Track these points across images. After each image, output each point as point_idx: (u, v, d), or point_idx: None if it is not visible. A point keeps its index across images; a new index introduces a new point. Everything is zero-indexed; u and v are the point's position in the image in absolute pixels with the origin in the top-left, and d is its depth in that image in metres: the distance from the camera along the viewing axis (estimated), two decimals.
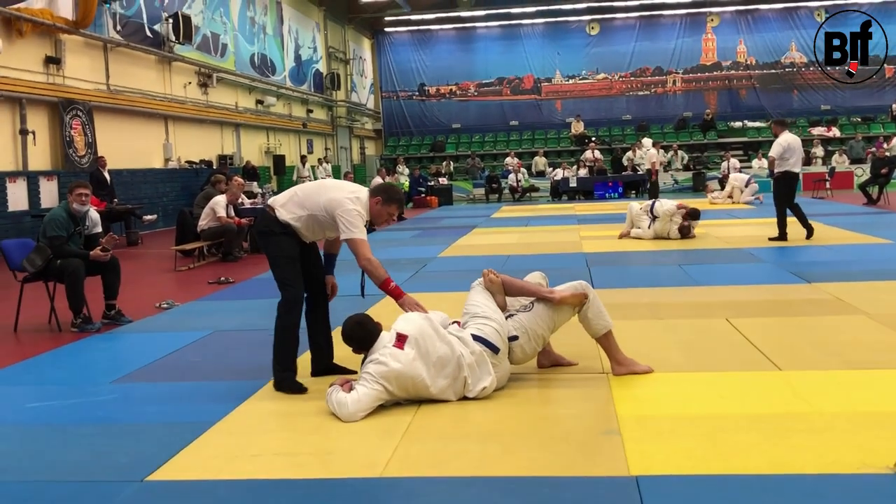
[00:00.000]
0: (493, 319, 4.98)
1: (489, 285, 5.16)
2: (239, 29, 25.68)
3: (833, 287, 8.07)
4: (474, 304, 5.11)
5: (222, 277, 10.78)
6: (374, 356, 4.70)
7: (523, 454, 3.97)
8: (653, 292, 8.39)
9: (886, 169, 20.29)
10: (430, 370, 4.68)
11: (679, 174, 29.55)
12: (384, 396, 4.65)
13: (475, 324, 4.96)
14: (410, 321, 4.82)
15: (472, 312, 5.07)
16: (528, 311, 5.13)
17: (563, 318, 5.20)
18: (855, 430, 4.08)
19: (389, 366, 4.61)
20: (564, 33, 38.73)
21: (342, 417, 4.57)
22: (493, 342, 4.87)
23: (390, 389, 4.64)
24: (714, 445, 3.95)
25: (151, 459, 4.06)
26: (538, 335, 5.11)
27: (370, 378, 4.64)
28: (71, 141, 16.91)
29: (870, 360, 5.38)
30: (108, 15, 18.47)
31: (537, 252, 12.17)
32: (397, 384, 4.64)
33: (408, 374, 4.63)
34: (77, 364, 6.50)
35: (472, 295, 5.20)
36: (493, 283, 5.16)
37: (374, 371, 4.65)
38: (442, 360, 4.71)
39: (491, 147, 36.92)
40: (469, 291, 5.26)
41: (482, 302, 5.10)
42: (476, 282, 5.27)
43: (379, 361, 4.65)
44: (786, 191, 12.33)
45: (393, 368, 4.61)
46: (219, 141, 24.25)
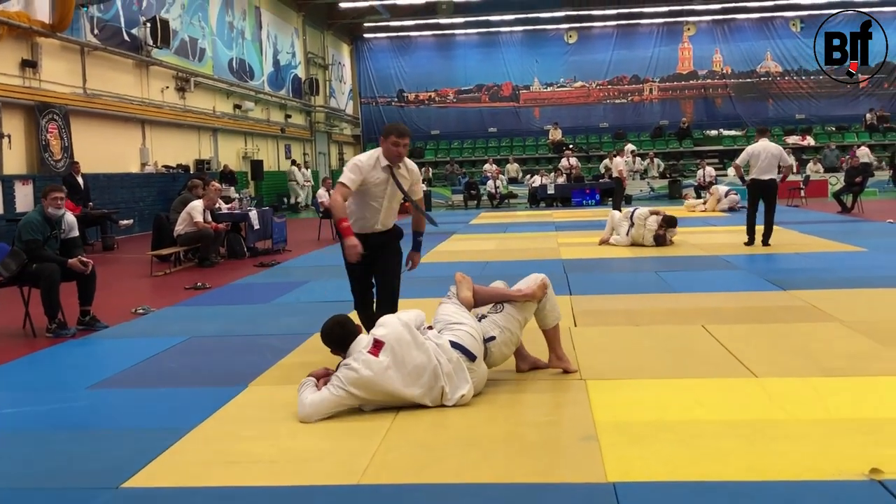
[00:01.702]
0: (467, 324, 5.01)
1: (459, 282, 5.25)
2: (217, 33, 25.60)
3: (808, 294, 8.13)
4: (445, 314, 5.13)
5: (199, 283, 10.72)
6: (348, 360, 4.70)
7: (501, 460, 3.97)
8: (630, 299, 8.42)
9: (860, 178, 20.49)
10: (404, 379, 4.66)
11: (655, 182, 29.75)
12: (347, 402, 4.65)
13: (451, 331, 4.96)
14: (389, 327, 4.80)
15: (445, 321, 5.07)
16: (498, 311, 5.20)
17: (530, 313, 5.32)
18: (831, 436, 4.11)
19: (360, 373, 4.61)
20: (543, 41, 38.90)
21: (298, 417, 4.63)
22: (470, 349, 4.87)
23: (359, 395, 4.63)
24: (691, 452, 3.97)
25: (127, 466, 4.03)
26: (513, 333, 5.20)
27: (337, 383, 4.65)
28: (47, 145, 16.77)
29: (845, 366, 5.43)
30: (86, 18, 18.36)
31: (515, 258, 12.18)
32: (367, 391, 4.63)
33: (378, 382, 4.62)
34: (52, 370, 6.44)
35: (442, 307, 5.24)
36: (464, 280, 5.25)
37: (343, 377, 4.65)
38: (418, 369, 4.69)
39: (469, 154, 36.99)
40: (438, 307, 5.30)
41: (453, 310, 5.13)
42: (444, 297, 5.34)
43: (350, 367, 4.65)
44: (749, 198, 12.76)
45: (363, 376, 4.60)
46: (196, 145, 24.14)
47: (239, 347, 6.79)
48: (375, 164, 5.77)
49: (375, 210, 5.84)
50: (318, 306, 8.44)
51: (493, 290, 5.32)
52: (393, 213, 5.99)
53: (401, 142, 5.72)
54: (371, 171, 5.75)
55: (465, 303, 5.18)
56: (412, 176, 5.99)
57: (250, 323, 7.92)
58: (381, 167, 5.77)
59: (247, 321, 8.02)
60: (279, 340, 6.86)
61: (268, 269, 12.34)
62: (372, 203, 5.81)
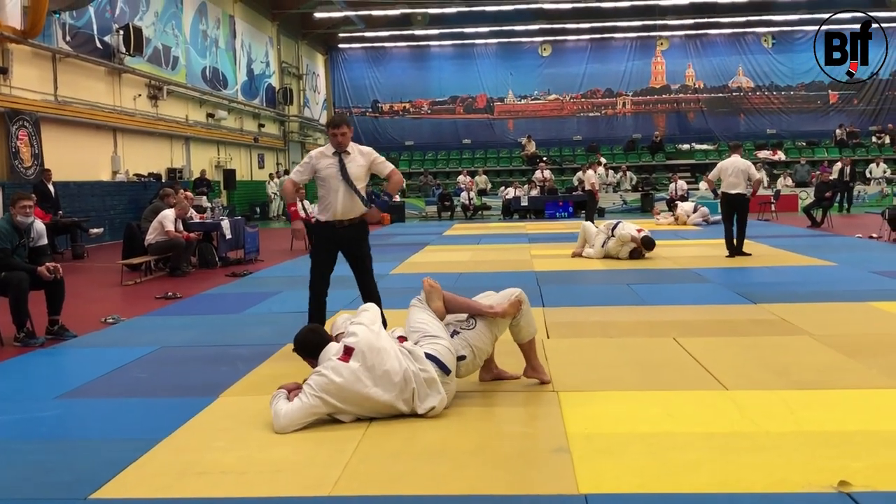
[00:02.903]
0: (443, 339, 5.00)
1: (429, 292, 5.20)
2: (191, 42, 25.49)
3: (778, 308, 8.20)
4: (421, 322, 5.10)
5: (170, 292, 10.63)
6: (319, 368, 4.70)
7: (473, 472, 3.97)
8: (602, 311, 8.46)
9: (830, 193, 20.76)
10: (376, 382, 4.65)
11: (628, 195, 29.95)
12: (321, 410, 4.64)
13: (428, 343, 4.94)
14: (359, 334, 4.78)
15: (422, 331, 5.04)
16: (471, 328, 5.18)
17: (503, 329, 5.32)
18: (800, 449, 4.14)
19: (331, 379, 4.61)
20: (517, 54, 39.10)
21: (274, 429, 4.60)
22: (445, 363, 4.87)
23: (332, 402, 4.61)
24: (662, 464, 3.98)
25: (95, 477, 3.99)
26: (483, 351, 5.21)
27: (309, 391, 4.64)
28: (17, 152, 16.61)
29: (814, 380, 5.48)
30: (58, 25, 18.22)
31: (488, 270, 12.21)
32: (340, 398, 4.61)
33: (349, 388, 4.61)
34: (19, 379, 6.36)
35: (415, 313, 5.21)
36: (434, 290, 5.20)
37: (314, 383, 4.64)
38: (388, 374, 4.68)
39: (444, 165, 37.02)
40: (409, 310, 5.28)
41: (428, 320, 5.11)
42: (414, 302, 5.31)
43: (321, 374, 4.65)
44: (722, 212, 13.22)
45: (334, 381, 4.60)
46: (168, 154, 24.00)
47: (210, 358, 6.74)
48: (324, 154, 6.75)
49: (334, 193, 6.63)
50: (290, 317, 8.39)
51: (465, 302, 5.30)
52: (353, 200, 6.65)
53: (337, 131, 6.63)
54: (320, 159, 6.72)
55: (437, 313, 5.16)
56: (367, 158, 6.82)
57: (221, 333, 7.87)
58: (330, 154, 6.71)
59: (218, 331, 7.97)
60: (250, 351, 6.82)
61: (239, 279, 12.28)
62: (329, 187, 6.65)
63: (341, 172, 6.62)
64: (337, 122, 6.73)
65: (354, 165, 6.68)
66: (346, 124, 6.73)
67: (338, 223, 6.70)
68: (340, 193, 6.62)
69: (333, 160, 6.67)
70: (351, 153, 6.71)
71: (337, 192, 6.63)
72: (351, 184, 6.63)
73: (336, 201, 6.64)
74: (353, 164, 6.68)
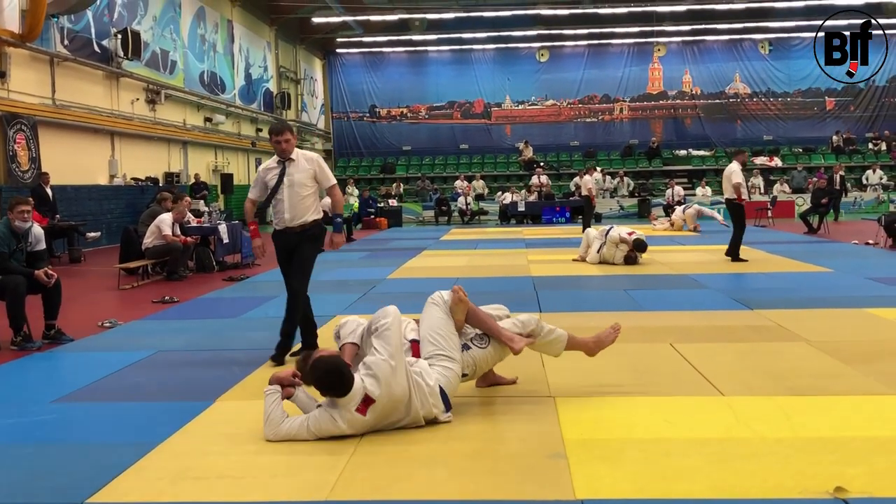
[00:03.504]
0: (456, 361, 4.89)
1: (456, 304, 5.01)
2: (189, 46, 25.50)
3: (775, 314, 8.21)
4: (439, 334, 4.94)
5: (167, 296, 10.63)
6: (334, 413, 4.52)
7: (469, 478, 3.97)
8: (599, 316, 8.44)
9: (826, 199, 20.79)
10: (378, 423, 4.60)
11: (625, 200, 30.00)
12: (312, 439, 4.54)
13: (440, 364, 4.84)
14: (380, 380, 4.54)
15: (437, 346, 4.90)
16: (482, 347, 5.07)
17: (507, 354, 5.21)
18: (796, 455, 4.15)
19: (340, 428, 4.50)
20: (515, 59, 39.12)
21: (264, 432, 4.58)
22: (449, 399, 4.80)
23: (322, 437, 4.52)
24: (659, 469, 3.99)
25: (92, 481, 3.99)
26: (483, 369, 5.19)
27: (314, 427, 4.52)
28: (14, 155, 16.60)
29: (810, 386, 5.49)
30: (56, 29, 18.22)
31: (486, 275, 12.21)
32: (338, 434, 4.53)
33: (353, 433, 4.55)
34: (16, 383, 6.36)
35: (433, 316, 5.04)
36: (462, 303, 5.01)
37: (322, 422, 4.52)
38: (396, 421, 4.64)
39: (441, 170, 37.02)
40: (427, 307, 5.12)
41: (446, 332, 4.96)
42: (436, 299, 5.12)
43: (335, 421, 4.50)
44: None
45: (341, 429, 4.50)
46: (166, 158, 23.99)
47: (206, 362, 6.75)
48: (270, 165, 6.79)
49: (281, 201, 6.63)
50: None
51: (486, 321, 5.11)
52: (301, 206, 6.66)
53: (280, 138, 6.61)
54: (267, 172, 6.75)
55: (457, 325, 5.04)
56: (312, 164, 6.75)
57: (218, 337, 7.87)
58: (275, 164, 6.74)
59: (215, 335, 7.98)
60: (247, 355, 6.82)
61: (236, 283, 12.28)
62: (277, 196, 6.65)
63: (285, 179, 6.61)
64: (279, 130, 6.69)
65: (298, 172, 6.65)
66: (288, 131, 6.71)
67: (289, 230, 6.68)
68: (286, 201, 6.61)
69: (277, 169, 6.68)
70: (295, 160, 6.69)
71: (283, 200, 6.62)
72: (296, 190, 6.61)
73: (283, 209, 6.63)
74: (297, 171, 6.65)
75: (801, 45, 37.12)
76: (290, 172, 6.63)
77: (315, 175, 6.71)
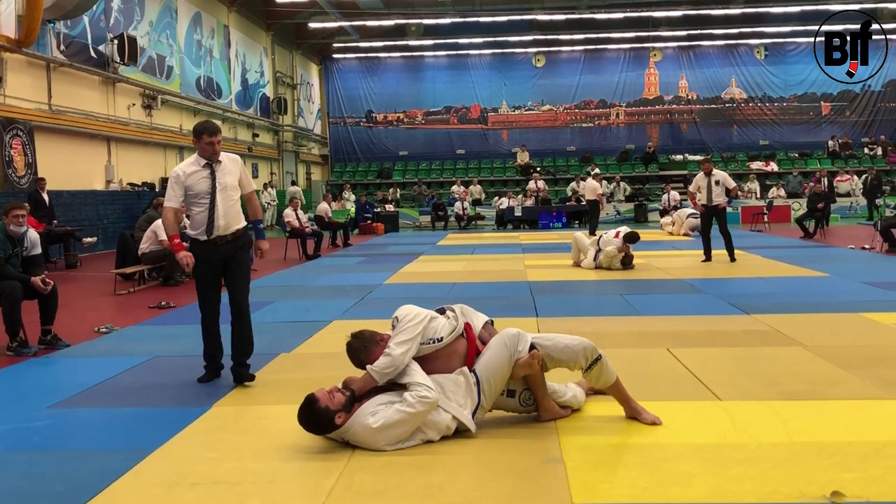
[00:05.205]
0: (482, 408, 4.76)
1: (523, 368, 4.75)
2: (185, 51, 25.50)
3: (771, 319, 8.22)
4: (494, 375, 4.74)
5: (163, 302, 10.62)
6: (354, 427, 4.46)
7: (467, 483, 3.97)
8: (595, 321, 8.46)
9: (822, 204, 20.82)
10: None
11: (621, 205, 30.06)
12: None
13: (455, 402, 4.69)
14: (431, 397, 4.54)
15: (488, 382, 4.73)
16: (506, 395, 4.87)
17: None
18: (792, 459, 4.15)
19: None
20: (511, 64, 39.20)
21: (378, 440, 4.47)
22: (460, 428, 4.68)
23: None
24: (655, 474, 3.99)
25: (88, 487, 3.98)
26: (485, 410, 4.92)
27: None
28: (10, 161, 16.58)
29: (806, 391, 5.49)
30: (52, 34, 18.21)
31: (482, 280, 12.21)
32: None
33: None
34: (12, 388, 6.34)
35: (498, 355, 4.77)
36: (532, 368, 4.77)
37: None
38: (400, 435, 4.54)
39: (438, 175, 37.04)
40: (498, 345, 4.82)
41: (495, 378, 4.75)
42: (510, 341, 4.80)
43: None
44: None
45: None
46: (162, 163, 23.97)
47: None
48: (192, 167, 6.13)
49: (212, 208, 6.08)
50: (283, 327, 8.40)
51: (540, 389, 4.89)
52: (233, 212, 6.21)
53: (214, 139, 6.06)
54: (190, 175, 6.09)
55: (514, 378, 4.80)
56: (236, 166, 6.30)
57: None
58: (200, 166, 6.12)
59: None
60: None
61: None
62: (204, 202, 6.08)
63: (217, 183, 6.11)
64: (213, 130, 6.12)
65: (227, 175, 6.19)
66: (219, 132, 6.21)
67: (220, 239, 6.15)
68: (220, 206, 6.10)
69: (205, 172, 6.12)
70: (223, 161, 6.19)
71: (216, 205, 6.09)
72: (229, 194, 6.17)
73: (217, 216, 6.09)
74: (226, 174, 6.18)
75: (797, 49, 37.25)
76: (220, 176, 6.13)
77: (241, 178, 6.32)
